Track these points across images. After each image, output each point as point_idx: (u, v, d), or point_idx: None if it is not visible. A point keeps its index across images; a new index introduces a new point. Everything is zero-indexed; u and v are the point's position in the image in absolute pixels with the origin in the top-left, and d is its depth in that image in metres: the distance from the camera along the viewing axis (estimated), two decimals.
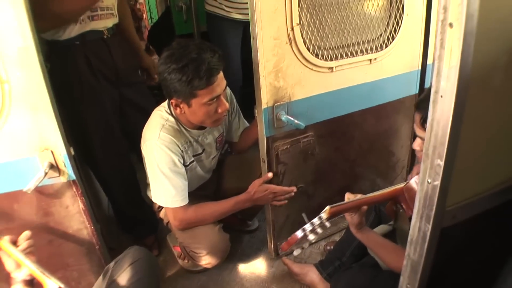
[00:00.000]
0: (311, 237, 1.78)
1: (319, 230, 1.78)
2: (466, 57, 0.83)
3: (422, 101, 1.64)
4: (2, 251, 1.39)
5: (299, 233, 1.79)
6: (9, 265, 1.42)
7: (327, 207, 1.74)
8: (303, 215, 1.85)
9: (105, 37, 2.30)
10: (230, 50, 3.19)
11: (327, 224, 1.77)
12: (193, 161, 2.22)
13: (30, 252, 1.46)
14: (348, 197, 1.81)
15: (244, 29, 3.27)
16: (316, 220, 1.77)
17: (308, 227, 1.78)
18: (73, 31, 2.16)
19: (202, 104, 1.93)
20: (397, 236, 1.95)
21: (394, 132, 2.62)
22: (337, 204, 1.75)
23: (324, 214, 1.75)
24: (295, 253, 1.88)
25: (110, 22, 2.32)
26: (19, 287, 1.44)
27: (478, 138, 0.98)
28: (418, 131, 1.61)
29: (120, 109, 2.47)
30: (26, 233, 1.49)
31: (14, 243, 1.44)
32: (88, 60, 2.23)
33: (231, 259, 2.53)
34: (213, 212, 2.21)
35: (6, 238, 1.40)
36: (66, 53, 2.19)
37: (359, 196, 1.80)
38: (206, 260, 2.29)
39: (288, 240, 1.83)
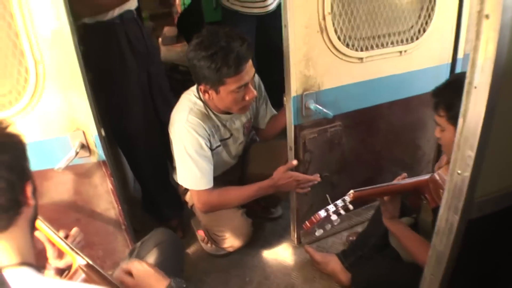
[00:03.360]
0: (334, 217, 1.81)
1: (342, 212, 1.81)
2: (501, 49, 0.83)
3: (439, 88, 1.66)
4: (46, 240, 1.42)
5: (322, 213, 1.83)
6: (50, 253, 1.46)
7: (351, 191, 1.77)
8: (327, 196, 1.88)
9: (134, 16, 2.38)
10: None
11: (350, 206, 1.80)
12: (219, 146, 2.24)
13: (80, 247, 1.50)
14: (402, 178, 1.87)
15: (261, 21, 3.32)
16: (339, 202, 1.81)
17: (331, 207, 1.81)
18: (116, 11, 2.24)
19: (230, 91, 1.96)
20: (419, 228, 1.95)
21: (421, 125, 2.60)
22: (361, 189, 1.78)
23: (347, 197, 1.78)
24: (317, 233, 1.91)
25: (136, 2, 2.39)
26: (52, 274, 1.48)
27: (511, 130, 0.98)
28: (435, 118, 1.65)
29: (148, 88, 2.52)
30: (76, 230, 1.54)
31: (66, 237, 1.48)
32: (128, 37, 2.30)
33: (253, 245, 2.56)
34: (237, 196, 2.23)
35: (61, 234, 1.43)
36: (109, 32, 2.25)
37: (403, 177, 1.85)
38: (229, 243, 2.33)
39: (311, 218, 1.86)
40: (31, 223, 1.08)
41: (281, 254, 2.56)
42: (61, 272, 1.48)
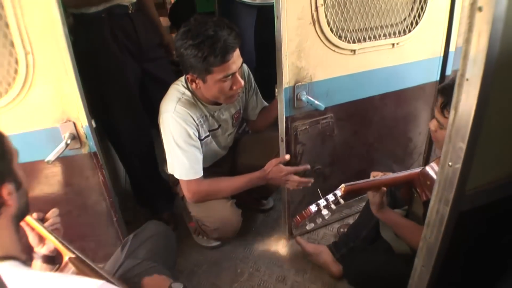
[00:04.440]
0: (325, 212, 1.82)
1: (333, 207, 1.82)
2: (494, 41, 0.83)
3: (446, 86, 1.64)
4: (27, 226, 1.41)
5: (313, 208, 1.83)
6: (32, 240, 1.45)
7: (343, 185, 1.78)
8: (318, 190, 1.88)
9: (130, 12, 2.34)
10: (243, 31, 3.16)
11: (342, 201, 1.81)
12: (208, 136, 2.24)
13: (56, 228, 1.49)
14: (374, 175, 1.84)
15: (258, 12, 3.25)
16: (330, 196, 1.81)
17: (322, 202, 1.82)
18: (101, 5, 2.22)
19: (217, 80, 1.95)
20: (410, 220, 1.96)
21: (413, 118, 2.61)
22: (352, 183, 1.78)
23: (339, 192, 1.78)
24: (308, 227, 1.92)
25: None
26: (39, 263, 1.47)
27: (502, 123, 0.98)
28: (437, 114, 1.63)
29: (142, 83, 2.51)
30: (54, 211, 1.51)
31: (42, 220, 1.46)
32: (114, 33, 2.28)
33: (245, 236, 2.56)
34: (227, 187, 2.24)
35: (34, 215, 1.42)
36: (93, 25, 2.24)
37: (381, 174, 1.82)
38: (218, 234, 2.34)
39: (301, 213, 1.86)
40: (14, 220, 1.06)
41: (272, 246, 2.57)
42: (49, 260, 1.47)
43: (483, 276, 1.36)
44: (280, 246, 2.57)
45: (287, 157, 2.18)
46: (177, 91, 2.12)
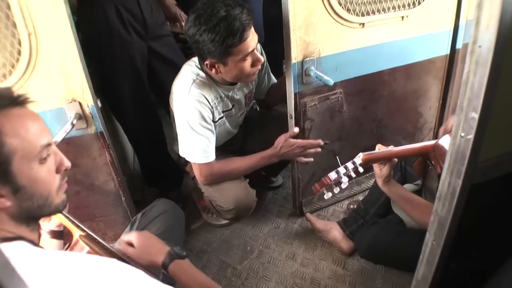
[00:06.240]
0: (344, 179, 1.80)
1: (352, 174, 1.80)
2: (507, 6, 0.79)
3: None
4: None
5: (332, 175, 1.82)
6: None
7: (361, 154, 1.75)
8: (337, 158, 1.86)
9: None
10: (252, 7, 3.16)
11: (361, 169, 1.79)
12: (222, 117, 2.21)
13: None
14: (379, 148, 1.82)
15: None
16: (349, 164, 1.79)
17: (341, 170, 1.80)
18: None
19: (238, 60, 1.91)
20: (424, 194, 1.94)
21: (423, 93, 2.57)
22: (370, 152, 1.76)
23: (357, 159, 1.76)
24: (326, 196, 1.89)
25: None
26: (47, 238, 1.47)
27: None
28: None
29: (149, 62, 2.47)
30: None
31: None
32: (119, 12, 2.23)
33: (254, 214, 2.55)
34: (239, 167, 2.22)
35: None
36: (97, 5, 2.19)
37: (390, 147, 1.80)
38: (232, 215, 2.32)
39: (321, 180, 1.85)
40: (19, 218, 1.03)
41: (282, 223, 2.58)
42: (57, 235, 1.47)
43: (496, 251, 1.34)
44: (289, 223, 2.57)
45: (296, 130, 2.16)
46: (191, 72, 2.08)
